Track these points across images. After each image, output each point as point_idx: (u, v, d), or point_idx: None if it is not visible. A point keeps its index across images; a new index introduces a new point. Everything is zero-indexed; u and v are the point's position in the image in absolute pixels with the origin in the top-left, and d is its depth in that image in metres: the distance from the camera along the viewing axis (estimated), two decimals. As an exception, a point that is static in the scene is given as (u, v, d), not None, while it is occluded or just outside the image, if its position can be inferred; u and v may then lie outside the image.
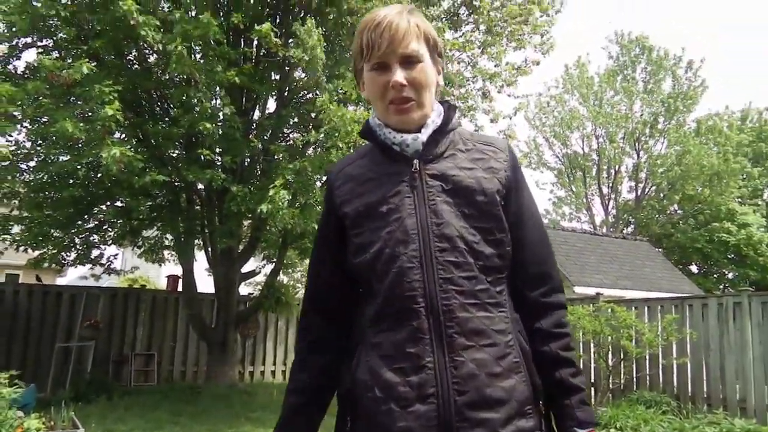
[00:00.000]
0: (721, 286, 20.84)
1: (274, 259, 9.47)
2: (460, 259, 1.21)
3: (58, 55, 7.02)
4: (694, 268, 21.78)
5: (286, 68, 7.97)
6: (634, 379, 7.97)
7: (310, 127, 8.35)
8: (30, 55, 30.44)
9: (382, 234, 1.26)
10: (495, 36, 9.28)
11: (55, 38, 6.99)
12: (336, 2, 7.17)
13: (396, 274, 1.23)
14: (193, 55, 6.98)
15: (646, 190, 22.66)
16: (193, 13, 6.68)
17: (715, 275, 21.41)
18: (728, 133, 21.36)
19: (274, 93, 8.32)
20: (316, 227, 5.93)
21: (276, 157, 7.60)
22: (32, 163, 7.51)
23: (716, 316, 7.58)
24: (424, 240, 1.23)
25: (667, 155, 21.52)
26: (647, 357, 7.78)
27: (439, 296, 1.20)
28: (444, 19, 9.13)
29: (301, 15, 7.92)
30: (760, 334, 7.23)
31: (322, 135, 6.67)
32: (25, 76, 7.08)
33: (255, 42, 7.50)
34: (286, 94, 8.47)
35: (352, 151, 6.72)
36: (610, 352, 7.79)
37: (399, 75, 1.26)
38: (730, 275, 21.19)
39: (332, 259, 1.38)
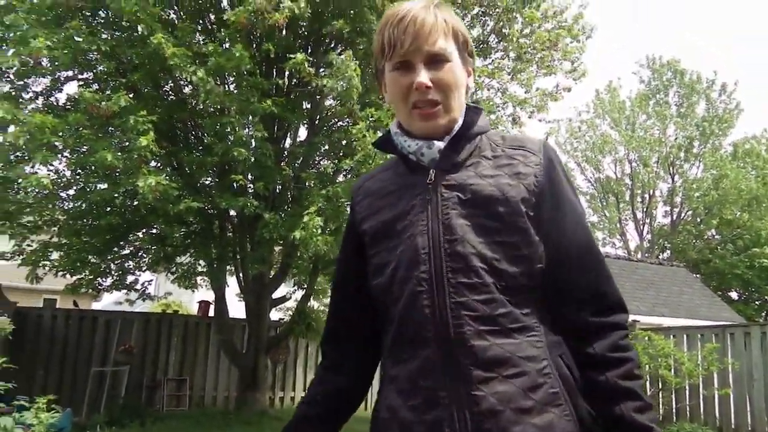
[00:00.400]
0: (763, 314, 20.17)
1: (305, 285, 9.50)
2: (475, 279, 1.06)
3: (97, 87, 7.27)
4: (734, 295, 21.14)
5: (317, 97, 8.10)
6: (674, 411, 7.74)
7: (341, 154, 8.44)
8: (71, 88, 31.55)
9: (397, 253, 1.14)
10: (525, 63, 9.29)
11: (95, 71, 7.24)
12: (366, 33, 7.28)
13: (407, 299, 1.11)
14: (226, 86, 7.15)
15: (682, 214, 22.22)
16: (227, 45, 6.86)
17: (756, 302, 20.74)
18: (766, 157, 20.89)
19: (305, 121, 8.44)
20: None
21: (307, 184, 7.69)
22: (71, 192, 7.72)
23: (760, 345, 7.34)
24: (435, 260, 1.09)
25: (704, 179, 21.11)
26: (687, 387, 7.56)
27: (451, 323, 1.05)
28: (474, 47, 9.18)
29: (332, 45, 8.07)
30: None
31: (354, 162, 6.72)
32: (67, 107, 7.33)
33: (286, 72, 7.64)
34: (317, 122, 8.59)
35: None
36: (648, 382, 7.57)
37: (423, 75, 1.12)
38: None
39: (351, 281, 1.29)
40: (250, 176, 7.39)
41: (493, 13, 9.22)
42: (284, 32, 6.21)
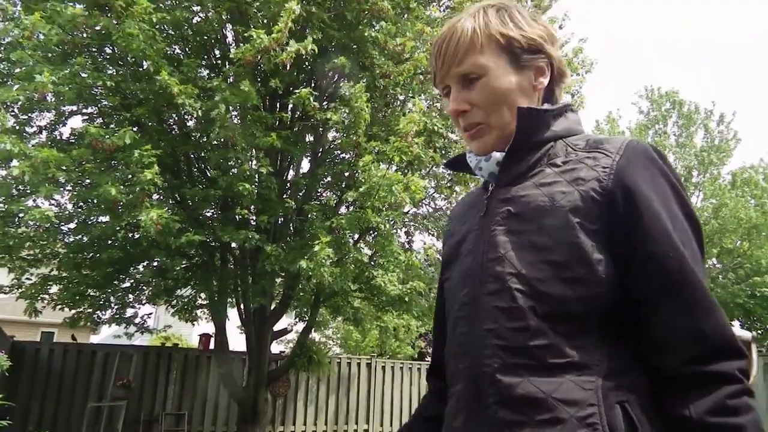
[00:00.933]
0: (766, 343, 20.04)
1: (306, 318, 9.43)
2: (510, 303, 0.92)
3: (101, 121, 7.29)
4: (736, 324, 21.02)
5: (320, 129, 8.13)
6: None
7: (344, 186, 8.46)
8: (75, 122, 31.77)
9: (452, 278, 1.09)
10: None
11: (99, 106, 7.27)
12: (369, 67, 7.35)
13: (451, 325, 1.04)
14: (232, 119, 7.19)
15: (683, 243, 22.21)
16: (231, 80, 6.91)
17: (759, 331, 20.62)
18: (765, 185, 20.99)
19: (308, 154, 8.47)
20: (351, 286, 5.86)
21: (309, 216, 7.68)
22: (72, 225, 7.69)
23: (762, 375, 7.26)
24: (475, 282, 0.99)
25: (703, 208, 21.14)
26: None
27: (481, 353, 0.94)
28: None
29: (335, 79, 8.14)
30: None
31: (358, 194, 6.73)
32: (70, 141, 7.34)
33: (290, 105, 7.69)
34: (319, 154, 8.61)
35: (387, 211, 6.75)
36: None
37: (455, 101, 1.07)
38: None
39: (442, 309, 1.19)
40: (252, 208, 7.39)
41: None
42: (288, 67, 6.25)
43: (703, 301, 0.89)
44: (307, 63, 7.51)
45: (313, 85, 8.05)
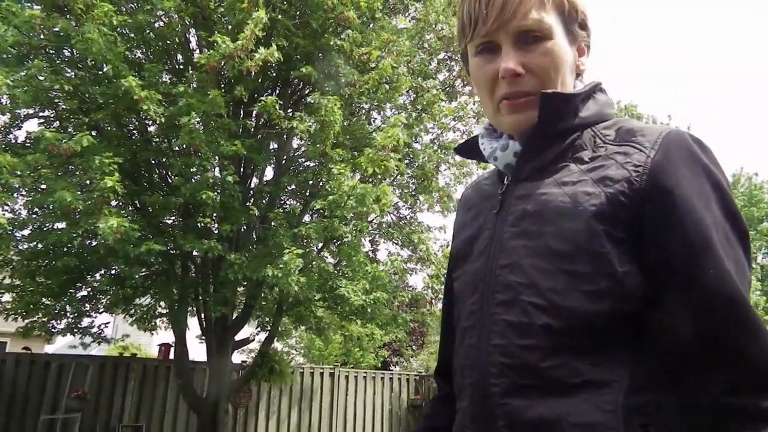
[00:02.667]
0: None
1: (269, 327, 9.32)
2: (521, 318, 0.83)
3: (59, 125, 7.11)
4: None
5: (284, 137, 8.08)
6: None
7: (308, 194, 8.42)
8: (31, 125, 30.88)
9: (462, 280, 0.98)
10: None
11: (56, 109, 7.08)
12: (334, 76, 7.35)
13: (459, 335, 0.94)
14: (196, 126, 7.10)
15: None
16: (194, 84, 6.82)
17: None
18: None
19: (272, 161, 8.41)
20: (315, 295, 5.79)
21: (273, 224, 7.61)
22: (26, 232, 7.46)
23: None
24: (485, 290, 0.89)
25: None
26: None
27: (488, 371, 0.84)
28: (440, 90, 9.35)
29: (300, 87, 8.12)
30: None
31: (327, 203, 6.71)
32: (26, 145, 7.13)
33: (254, 112, 7.64)
34: (284, 162, 8.56)
35: (354, 222, 6.74)
36: None
37: (511, 59, 0.88)
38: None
39: (450, 306, 1.08)
40: (215, 216, 7.28)
41: (458, 58, 9.44)
42: (253, 74, 6.21)
43: (748, 321, 0.77)
44: (271, 70, 7.46)
45: (278, 92, 8.01)
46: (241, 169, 8.06)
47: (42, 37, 6.14)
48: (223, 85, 7.01)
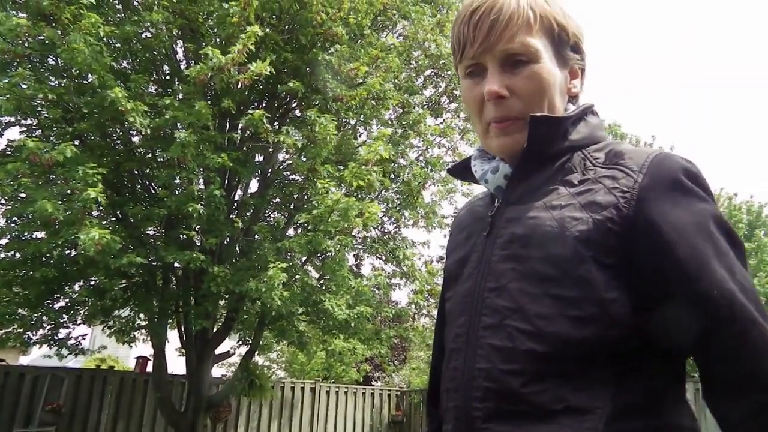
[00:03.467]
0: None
1: (250, 341, 9.23)
2: (506, 343, 0.82)
3: (41, 133, 7.02)
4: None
5: (270, 150, 8.06)
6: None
7: (292, 207, 8.39)
8: (12, 133, 30.50)
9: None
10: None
11: (39, 118, 7.00)
12: (321, 90, 7.36)
13: (447, 357, 0.94)
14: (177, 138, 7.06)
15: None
16: (180, 96, 6.78)
17: (690, 358, 21.42)
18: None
19: (257, 174, 8.37)
20: (298, 309, 5.74)
21: (257, 237, 7.56)
22: (4, 241, 7.33)
23: (693, 400, 7.49)
24: (472, 313, 0.88)
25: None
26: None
27: (471, 395, 0.84)
28: (426, 106, 9.41)
29: (287, 100, 8.11)
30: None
31: (312, 217, 6.68)
32: (7, 153, 7.03)
33: (240, 125, 7.62)
34: (269, 175, 8.53)
35: (339, 236, 6.72)
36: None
37: (495, 81, 0.89)
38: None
39: (443, 326, 1.07)
40: (197, 226, 7.22)
41: (444, 75, 9.52)
42: (242, 87, 6.20)
43: (761, 340, 0.76)
44: (259, 84, 7.45)
45: (265, 105, 8.00)
46: (226, 181, 8.02)
47: (27, 45, 6.08)
48: (209, 98, 6.98)
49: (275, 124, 7.59)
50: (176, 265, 7.90)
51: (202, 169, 6.67)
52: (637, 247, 0.80)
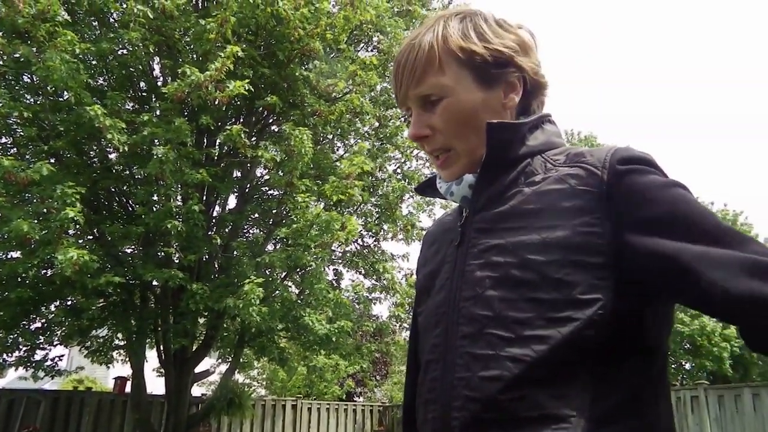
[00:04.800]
0: (679, 377, 21.03)
1: (230, 358, 9.14)
2: (486, 350, 0.82)
3: (16, 152, 6.94)
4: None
5: (248, 165, 8.06)
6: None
7: (271, 222, 8.37)
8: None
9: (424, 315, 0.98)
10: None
11: (14, 136, 6.92)
12: (298, 105, 7.40)
13: (423, 369, 0.93)
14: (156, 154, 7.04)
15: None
16: (158, 113, 6.77)
17: (672, 365, 21.64)
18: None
19: (235, 190, 8.35)
20: (278, 325, 5.71)
21: (236, 253, 7.53)
22: (-23, 262, 7.18)
23: (675, 409, 7.60)
24: (449, 323, 0.88)
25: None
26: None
27: (450, 404, 0.83)
28: (402, 119, 9.49)
29: (265, 116, 8.13)
30: (717, 428, 7.26)
31: (291, 232, 6.68)
32: (-20, 172, 6.93)
33: (218, 141, 7.61)
34: (247, 190, 8.51)
35: (317, 250, 6.73)
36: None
37: (414, 124, 0.95)
38: (687, 366, 21.46)
39: (416, 345, 1.06)
40: (175, 243, 7.17)
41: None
42: (219, 104, 6.21)
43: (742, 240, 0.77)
44: (236, 99, 7.48)
45: (242, 121, 8.01)
46: (204, 197, 7.99)
47: (1, 63, 6.04)
48: (186, 114, 6.98)
49: (253, 139, 7.61)
50: (154, 283, 7.83)
51: (180, 186, 6.64)
52: (620, 239, 0.80)
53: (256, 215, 8.68)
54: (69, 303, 7.79)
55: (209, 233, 7.52)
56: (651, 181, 0.83)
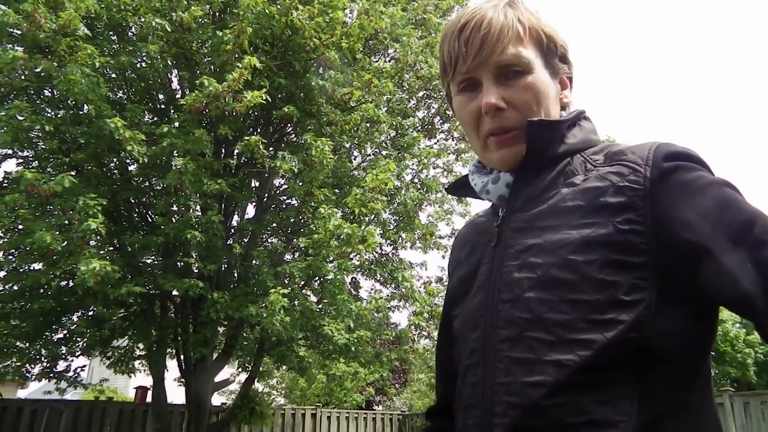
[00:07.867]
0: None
1: (249, 367, 9.16)
2: (527, 354, 0.79)
3: (38, 164, 7.05)
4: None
5: (266, 175, 8.10)
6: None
7: (290, 232, 8.39)
8: (9, 165, 30.49)
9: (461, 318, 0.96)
10: (468, 143, 9.62)
11: (36, 150, 7.03)
12: (315, 114, 7.43)
13: (462, 373, 0.90)
14: (184, 166, 7.12)
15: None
16: (177, 124, 6.84)
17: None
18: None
19: (253, 199, 8.40)
20: (298, 334, 5.71)
21: (254, 262, 7.55)
22: (1, 274, 7.29)
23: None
24: (488, 326, 0.85)
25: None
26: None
27: (492, 410, 0.81)
28: (419, 129, 9.49)
29: (282, 125, 8.17)
30: (744, 437, 7.14)
31: (311, 242, 6.69)
32: (4, 186, 7.04)
33: (236, 151, 7.66)
34: (265, 200, 8.55)
35: (338, 260, 6.73)
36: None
37: (492, 94, 0.89)
38: (711, 373, 21.08)
39: (447, 345, 1.04)
40: (194, 254, 7.22)
41: (437, 95, 9.62)
42: (237, 114, 6.26)
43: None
44: (254, 110, 7.53)
45: (260, 131, 8.06)
46: (222, 207, 8.05)
47: (23, 77, 6.14)
48: (205, 125, 7.04)
49: (270, 149, 7.65)
50: (174, 292, 7.89)
51: (199, 196, 6.69)
52: (660, 239, 0.77)
53: (275, 225, 8.70)
54: (90, 313, 7.87)
55: (228, 243, 7.56)
56: (697, 179, 0.80)
